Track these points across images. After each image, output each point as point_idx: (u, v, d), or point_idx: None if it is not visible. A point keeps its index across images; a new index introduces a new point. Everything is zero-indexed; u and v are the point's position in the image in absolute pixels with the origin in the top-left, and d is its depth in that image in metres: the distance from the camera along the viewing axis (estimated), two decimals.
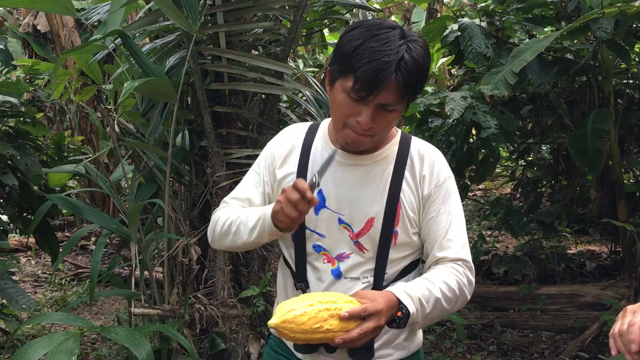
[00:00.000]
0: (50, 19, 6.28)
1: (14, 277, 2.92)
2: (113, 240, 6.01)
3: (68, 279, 5.37)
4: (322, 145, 1.53)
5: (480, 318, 4.12)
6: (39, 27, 7.51)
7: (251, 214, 1.47)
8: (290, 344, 1.56)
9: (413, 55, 1.31)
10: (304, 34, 4.00)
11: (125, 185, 3.13)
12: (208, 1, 2.91)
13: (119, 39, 2.72)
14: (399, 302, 1.33)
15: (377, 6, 6.87)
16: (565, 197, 5.01)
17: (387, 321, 1.33)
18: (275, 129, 2.98)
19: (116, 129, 2.94)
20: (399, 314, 1.33)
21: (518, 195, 5.55)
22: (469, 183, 4.52)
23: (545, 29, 3.94)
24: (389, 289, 1.37)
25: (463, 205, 1.60)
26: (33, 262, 5.97)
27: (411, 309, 1.33)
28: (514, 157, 5.84)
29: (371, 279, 1.47)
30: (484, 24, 3.79)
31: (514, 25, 3.87)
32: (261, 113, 3.08)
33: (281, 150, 1.57)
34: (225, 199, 1.63)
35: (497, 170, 6.74)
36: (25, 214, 3.56)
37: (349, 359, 1.45)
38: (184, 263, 2.94)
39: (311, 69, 6.37)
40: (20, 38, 8.06)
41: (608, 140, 3.88)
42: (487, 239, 5.34)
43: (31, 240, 5.19)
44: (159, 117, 2.94)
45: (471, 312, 4.15)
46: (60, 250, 3.54)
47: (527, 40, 3.79)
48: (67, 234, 6.39)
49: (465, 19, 3.79)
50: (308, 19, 3.87)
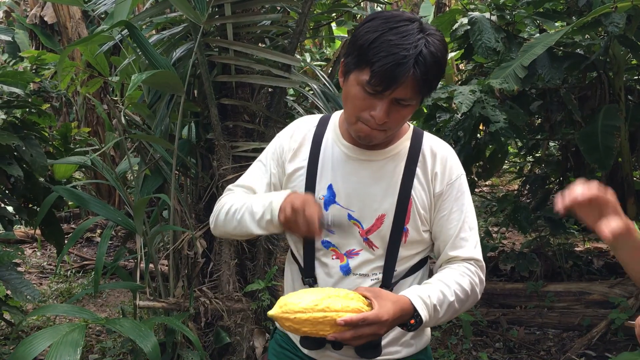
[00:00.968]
0: (58, 10, 6.26)
1: (19, 268, 2.92)
2: (119, 233, 6.02)
3: (73, 271, 5.38)
4: (333, 138, 1.51)
5: (487, 315, 4.10)
6: (46, 19, 7.51)
7: (257, 203, 1.43)
8: (296, 340, 1.54)
9: (431, 50, 1.27)
10: (312, 27, 3.97)
11: (131, 177, 3.12)
12: None
13: (126, 31, 2.70)
14: (414, 310, 1.32)
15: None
16: None
17: (398, 324, 1.32)
18: (282, 122, 2.95)
19: (122, 121, 2.93)
20: (412, 321, 1.32)
21: (526, 191, 5.51)
22: (476, 179, 4.49)
23: (556, 24, 3.89)
24: (406, 292, 1.34)
25: None
26: (39, 254, 5.98)
27: (425, 317, 1.32)
28: (522, 154, 5.80)
29: (380, 276, 1.45)
30: (494, 18, 3.75)
31: (525, 20, 3.83)
32: (268, 106, 3.06)
33: (291, 143, 1.54)
34: (230, 186, 1.61)
35: (505, 166, 6.71)
36: (30, 205, 3.55)
37: (356, 357, 1.43)
38: (189, 256, 2.93)
39: (318, 63, 6.34)
40: (27, 29, 8.07)
41: (618, 136, 3.84)
42: (494, 235, 5.31)
43: (37, 231, 5.21)
44: (166, 109, 2.92)
45: (477, 309, 4.13)
46: (66, 242, 3.53)
47: (538, 34, 3.74)
48: (73, 226, 6.41)
49: (475, 13, 3.75)
50: (316, 11, 3.84)
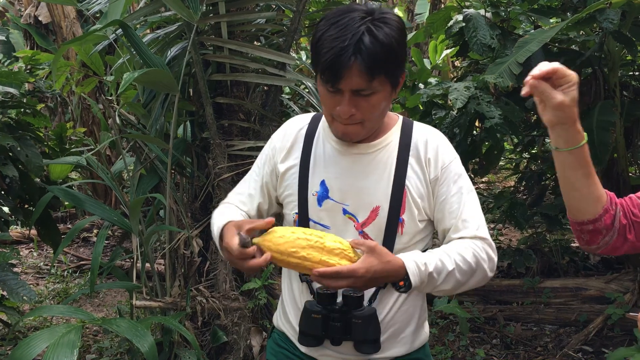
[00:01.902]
0: (52, 10, 6.24)
1: (15, 269, 2.91)
2: (115, 233, 6.00)
3: (70, 271, 5.37)
4: (324, 135, 1.52)
5: (484, 311, 4.11)
6: (40, 18, 7.48)
7: (217, 228, 1.48)
8: (294, 338, 1.54)
9: (375, 35, 1.28)
10: (307, 25, 3.96)
11: (127, 177, 3.11)
12: None
13: (120, 30, 2.69)
14: (405, 273, 1.32)
15: None
16: None
17: (386, 282, 1.35)
18: (278, 121, 2.95)
19: (117, 120, 2.92)
20: (402, 283, 1.33)
21: (522, 188, 5.52)
22: (472, 176, 4.49)
23: (551, 20, 3.89)
24: (403, 255, 1.35)
25: None
26: (35, 254, 5.97)
27: (415, 282, 1.32)
28: (518, 150, 5.80)
29: None
30: (489, 15, 3.75)
31: (519, 16, 3.82)
32: (263, 104, 3.06)
33: (283, 142, 1.56)
34: (230, 194, 1.65)
35: (501, 163, 6.71)
36: (26, 206, 3.54)
37: (354, 352, 1.44)
38: (185, 255, 2.92)
39: None
40: (21, 29, 8.03)
41: (614, 132, 3.84)
42: (491, 232, 5.31)
43: (33, 232, 5.19)
44: (160, 109, 2.92)
45: (474, 305, 4.14)
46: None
47: (533, 31, 3.74)
48: (69, 226, 6.39)
49: (470, 10, 3.74)
50: (311, 9, 3.83)
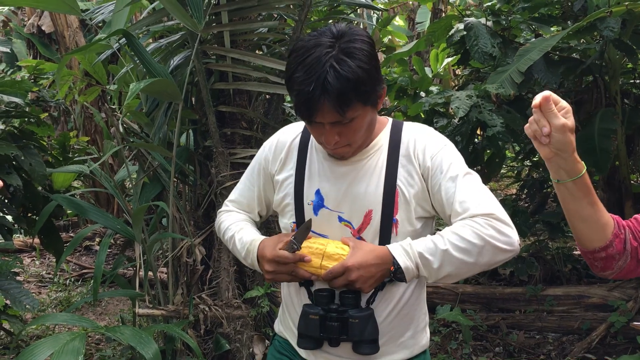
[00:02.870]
0: (55, 19, 6.28)
1: (18, 278, 2.92)
2: (117, 241, 6.01)
3: (72, 280, 5.37)
4: (317, 146, 1.53)
5: (486, 319, 4.10)
6: (43, 28, 7.53)
7: (240, 244, 1.57)
8: (294, 342, 1.54)
9: (340, 72, 1.28)
10: (309, 33, 3.97)
11: (130, 185, 3.12)
12: (212, 0, 2.90)
13: (123, 39, 2.71)
14: (392, 257, 1.36)
15: (382, 6, 6.84)
16: None
17: (380, 274, 1.37)
18: (280, 129, 2.96)
19: (120, 129, 2.94)
20: (392, 268, 1.36)
21: (524, 195, 5.52)
22: None
23: (552, 29, 3.91)
24: (388, 245, 1.40)
25: None
26: (37, 263, 5.98)
27: (404, 264, 1.35)
28: (519, 158, 5.81)
29: None
30: (490, 24, 3.77)
31: (520, 25, 3.85)
32: (266, 113, 3.07)
33: (276, 153, 1.59)
34: (227, 201, 1.71)
35: (503, 170, 6.71)
36: (29, 215, 3.55)
37: (352, 353, 1.45)
38: (188, 263, 2.93)
39: None
40: (24, 39, 8.08)
41: (615, 140, 3.85)
42: None
43: (36, 240, 5.20)
44: (164, 117, 2.93)
45: (477, 314, 4.13)
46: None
47: (533, 39, 3.76)
48: (72, 235, 6.40)
49: (471, 19, 3.77)
50: (312, 18, 3.85)
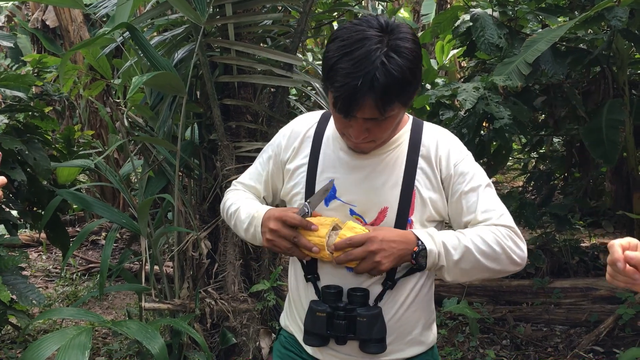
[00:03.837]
0: (59, 14, 6.27)
1: (24, 272, 2.92)
2: (123, 235, 6.02)
3: (79, 274, 5.38)
4: (334, 135, 1.51)
5: (493, 312, 4.08)
6: (47, 23, 7.52)
7: (244, 212, 1.54)
8: (300, 337, 1.53)
9: (389, 69, 1.23)
10: (313, 26, 3.96)
11: (135, 179, 3.12)
12: None
13: (127, 33, 2.70)
14: (417, 239, 1.34)
15: None
16: (578, 190, 4.95)
17: (402, 256, 1.34)
18: (285, 122, 2.93)
19: (125, 123, 2.93)
20: (415, 248, 1.33)
21: (530, 188, 5.49)
22: None
23: (559, 19, 3.87)
24: (412, 229, 1.39)
25: None
26: (44, 257, 5.99)
27: (429, 246, 1.33)
28: (526, 150, 5.78)
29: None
30: (496, 14, 3.73)
31: (527, 15, 3.81)
32: (270, 106, 3.05)
33: (289, 141, 1.56)
34: (235, 182, 1.68)
35: (509, 162, 6.69)
36: (35, 209, 3.55)
37: (359, 352, 1.43)
38: (194, 257, 2.92)
39: (321, 62, 6.33)
40: (29, 34, 8.08)
41: (623, 131, 3.82)
42: None
43: (42, 235, 5.21)
44: (168, 111, 2.92)
45: (484, 306, 4.12)
46: (71, 245, 3.53)
47: (540, 30, 3.73)
48: (78, 229, 6.41)
49: (477, 9, 3.73)
50: (317, 10, 3.83)
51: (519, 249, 1.38)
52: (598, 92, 4.09)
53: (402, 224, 1.41)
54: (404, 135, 1.47)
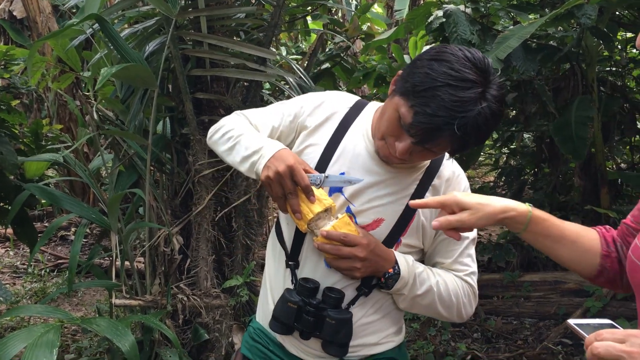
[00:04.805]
0: (27, 4, 6.11)
1: None
2: (93, 230, 5.92)
3: (48, 270, 5.29)
4: (361, 129, 1.46)
5: None
6: (15, 13, 7.34)
7: (251, 141, 1.40)
8: (267, 325, 1.51)
9: (479, 122, 1.21)
10: (287, 20, 3.94)
11: (106, 174, 3.06)
12: None
13: (97, 24, 2.64)
14: (395, 262, 1.37)
15: None
16: (548, 185, 5.03)
17: (376, 270, 1.37)
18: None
19: (95, 116, 2.87)
20: (391, 270, 1.37)
21: (502, 183, 5.56)
22: None
23: (530, 16, 3.91)
24: (394, 250, 1.41)
25: None
26: (11, 253, 5.87)
27: (403, 273, 1.37)
28: (497, 145, 5.85)
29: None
30: (468, 10, 3.75)
31: (499, 12, 3.84)
32: (244, 100, 3.03)
33: (316, 112, 1.48)
34: (239, 112, 1.56)
35: (481, 158, 6.76)
36: (1, 204, 3.47)
37: (321, 351, 1.43)
38: (165, 253, 2.89)
39: (294, 57, 6.31)
40: None
41: (592, 127, 3.89)
42: None
43: (9, 230, 5.10)
44: (139, 104, 2.87)
45: None
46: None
47: (512, 27, 3.76)
48: (46, 224, 6.29)
49: (450, 6, 3.74)
50: (291, 4, 3.81)
51: (471, 307, 1.48)
52: (568, 89, 4.16)
53: (392, 241, 1.42)
54: (425, 161, 1.46)
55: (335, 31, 5.16)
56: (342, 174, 1.41)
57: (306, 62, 3.91)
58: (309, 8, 4.22)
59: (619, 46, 4.59)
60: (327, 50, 5.11)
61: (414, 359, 3.55)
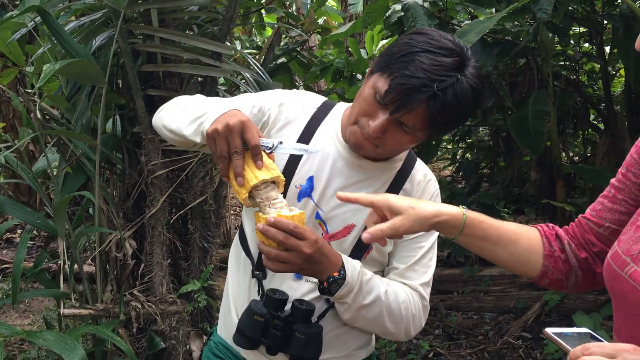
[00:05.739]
0: None
1: None
2: (41, 233, 5.67)
3: None
4: (330, 131, 1.38)
5: None
6: None
7: (203, 106, 1.29)
8: (230, 341, 1.42)
9: (457, 90, 1.17)
10: (242, 13, 3.83)
11: (53, 175, 2.90)
12: None
13: (39, 17, 2.48)
14: (341, 266, 1.24)
15: None
16: (504, 179, 5.08)
17: (320, 272, 1.23)
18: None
19: (39, 115, 2.70)
20: (336, 274, 1.23)
21: (459, 177, 5.59)
22: None
23: (486, 10, 3.92)
24: (343, 255, 1.29)
25: None
26: None
27: (349, 278, 1.24)
28: (455, 140, 5.88)
29: None
30: (426, 5, 3.72)
31: (457, 6, 3.83)
32: None
33: (283, 109, 1.39)
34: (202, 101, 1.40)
35: (439, 153, 6.79)
36: None
37: None
38: (117, 258, 2.75)
39: (250, 51, 6.19)
40: None
41: (548, 121, 3.92)
42: None
43: None
44: (86, 102, 2.72)
45: None
46: None
47: (469, 21, 3.75)
48: None
49: (409, 0, 3.71)
50: None
51: (420, 322, 1.38)
52: (524, 84, 4.19)
53: (362, 247, 1.34)
54: (397, 162, 1.39)
55: (291, 25, 5.06)
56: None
57: (263, 57, 3.81)
58: (264, 1, 4.12)
59: (572, 41, 4.66)
60: (283, 44, 5.02)
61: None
